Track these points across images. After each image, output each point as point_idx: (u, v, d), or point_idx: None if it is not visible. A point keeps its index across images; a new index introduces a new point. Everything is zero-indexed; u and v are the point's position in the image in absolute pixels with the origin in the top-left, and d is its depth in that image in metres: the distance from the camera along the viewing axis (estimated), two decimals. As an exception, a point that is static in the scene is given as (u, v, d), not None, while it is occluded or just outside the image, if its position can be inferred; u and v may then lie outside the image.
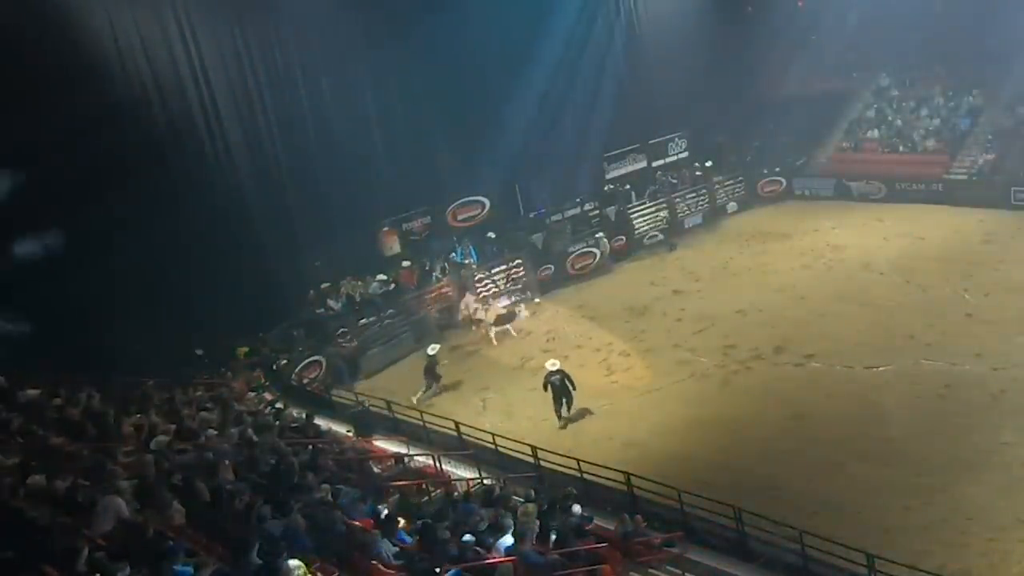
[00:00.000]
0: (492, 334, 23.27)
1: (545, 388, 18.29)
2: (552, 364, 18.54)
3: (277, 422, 15.78)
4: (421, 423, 17.51)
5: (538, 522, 11.86)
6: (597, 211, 29.15)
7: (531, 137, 26.87)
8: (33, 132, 17.41)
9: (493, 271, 25.98)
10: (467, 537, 10.96)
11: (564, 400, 18.16)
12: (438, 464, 15.49)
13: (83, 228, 17.93)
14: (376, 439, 17.37)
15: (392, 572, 9.87)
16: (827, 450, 15.55)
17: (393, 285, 24.53)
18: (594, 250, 27.92)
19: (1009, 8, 29.18)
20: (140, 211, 19.38)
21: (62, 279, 17.37)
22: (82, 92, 18.55)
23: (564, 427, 18.08)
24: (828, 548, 11.69)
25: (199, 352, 20.79)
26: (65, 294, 17.46)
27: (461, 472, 15.53)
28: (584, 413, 18.63)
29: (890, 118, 32.12)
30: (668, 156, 31.61)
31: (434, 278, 25.37)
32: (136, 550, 8.65)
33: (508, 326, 23.62)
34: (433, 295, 25.09)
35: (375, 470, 14.78)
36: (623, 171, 30.64)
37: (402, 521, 11.50)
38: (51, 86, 17.90)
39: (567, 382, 18.16)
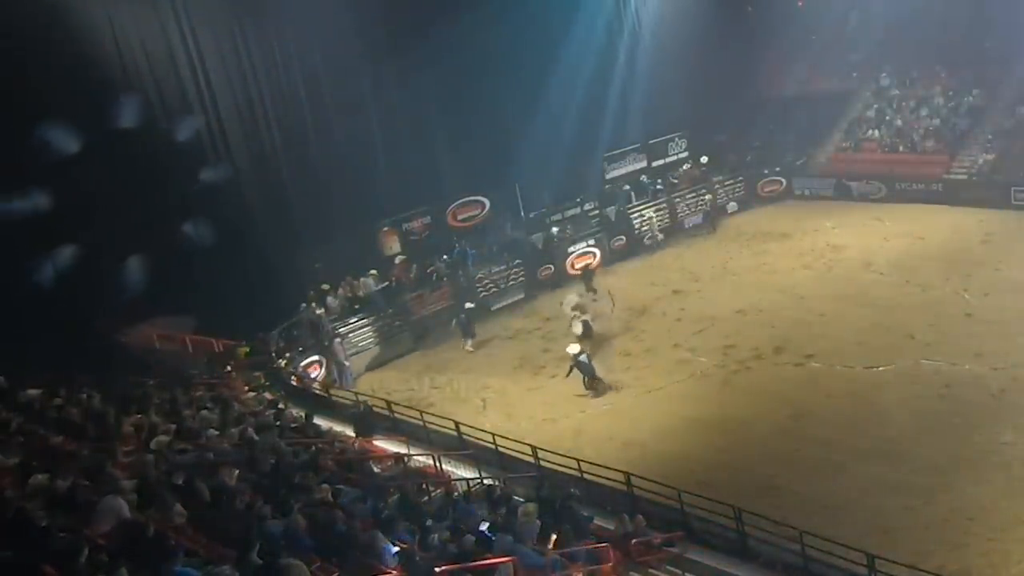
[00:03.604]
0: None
1: (570, 371, 19.47)
2: (573, 348, 19.75)
3: (277, 422, 15.78)
4: (421, 423, 17.51)
5: (538, 522, 11.86)
6: (597, 211, 29.15)
7: (531, 137, 26.86)
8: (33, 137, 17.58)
9: (493, 271, 26.02)
10: (467, 537, 10.96)
11: (591, 376, 19.37)
12: (438, 464, 15.49)
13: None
14: (376, 439, 17.37)
15: (392, 572, 9.88)
16: (827, 450, 15.55)
17: (387, 283, 24.51)
18: (595, 250, 28.01)
19: (1009, 8, 29.24)
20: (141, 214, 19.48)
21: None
22: (82, 98, 18.63)
23: (599, 395, 19.29)
24: (828, 548, 11.67)
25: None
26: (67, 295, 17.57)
27: (461, 472, 15.52)
28: (584, 412, 18.70)
29: (889, 118, 32.11)
30: (668, 156, 31.66)
31: (435, 278, 25.41)
32: (136, 550, 8.65)
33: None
34: (435, 295, 25.16)
35: (375, 470, 14.78)
36: (623, 171, 30.68)
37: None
38: (51, 91, 17.99)
39: (590, 359, 19.49)
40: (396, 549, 10.32)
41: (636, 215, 29.65)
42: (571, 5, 29.33)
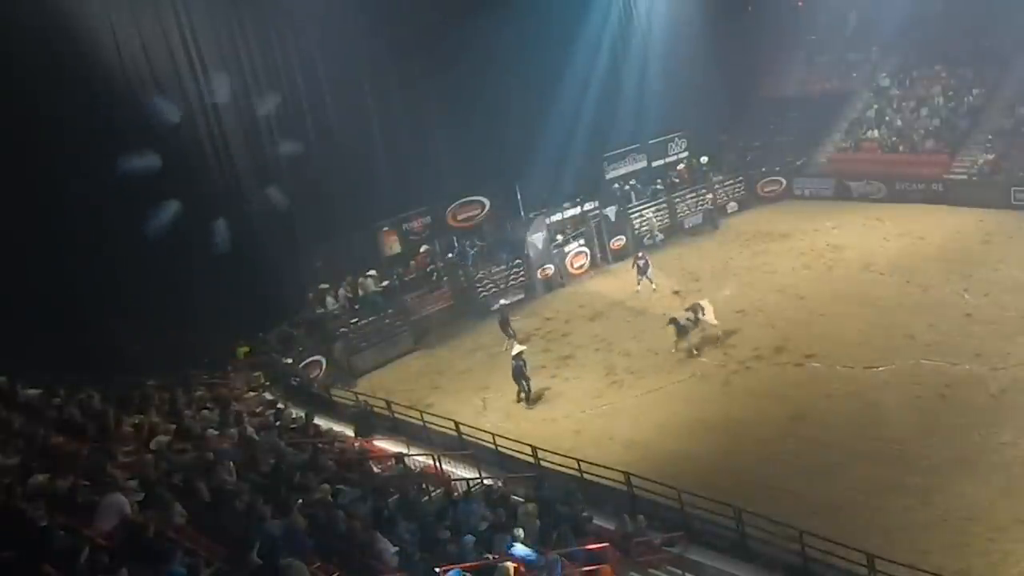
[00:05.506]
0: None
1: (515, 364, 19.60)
2: (516, 349, 20.03)
3: (277, 422, 15.77)
4: (421, 423, 17.51)
5: (538, 522, 11.86)
6: (597, 211, 29.15)
7: (531, 137, 26.85)
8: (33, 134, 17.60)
9: (493, 271, 26.03)
10: (467, 537, 10.96)
11: (523, 383, 19.43)
12: (438, 464, 15.49)
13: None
14: (376, 439, 17.37)
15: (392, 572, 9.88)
16: (827, 450, 15.55)
17: (387, 282, 24.50)
18: (585, 250, 28.04)
19: (1009, 8, 29.24)
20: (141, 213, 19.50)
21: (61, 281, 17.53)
22: (82, 98, 18.66)
23: (518, 401, 19.50)
24: (828, 548, 11.70)
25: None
26: (67, 295, 17.58)
27: (461, 472, 15.52)
28: (584, 412, 18.71)
29: (889, 118, 32.10)
30: (668, 156, 31.64)
31: (435, 277, 25.41)
32: (137, 550, 8.66)
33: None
34: (435, 295, 25.19)
35: (375, 470, 14.77)
36: (623, 171, 30.67)
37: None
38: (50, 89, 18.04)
39: (524, 367, 19.46)
40: (396, 549, 10.33)
41: (636, 215, 29.64)
42: (573, 8, 29.30)
